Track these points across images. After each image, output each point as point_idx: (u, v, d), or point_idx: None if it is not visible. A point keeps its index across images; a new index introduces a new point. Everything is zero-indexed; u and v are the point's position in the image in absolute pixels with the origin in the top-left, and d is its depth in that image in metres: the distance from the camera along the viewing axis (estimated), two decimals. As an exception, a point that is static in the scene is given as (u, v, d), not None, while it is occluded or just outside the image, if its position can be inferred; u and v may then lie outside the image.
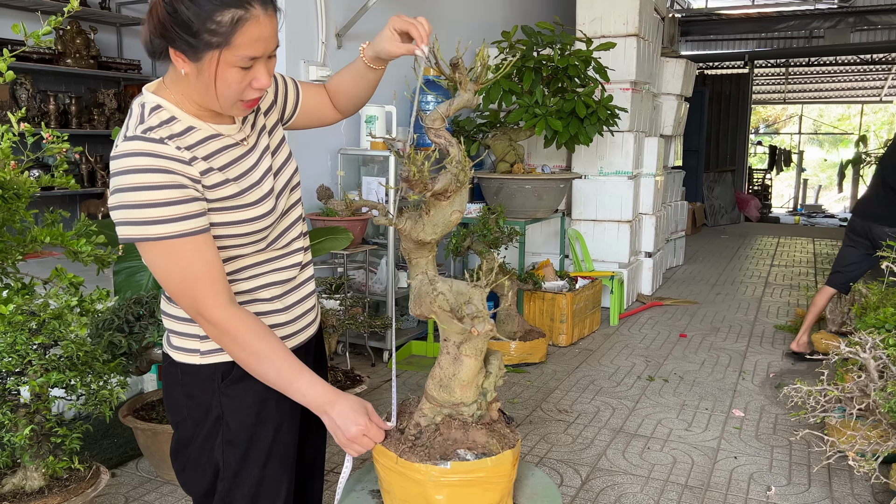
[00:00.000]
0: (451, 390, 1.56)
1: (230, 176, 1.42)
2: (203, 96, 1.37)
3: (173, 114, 1.39)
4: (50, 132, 2.72)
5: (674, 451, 3.50)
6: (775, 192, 18.03)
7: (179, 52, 1.31)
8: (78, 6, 2.34)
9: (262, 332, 1.40)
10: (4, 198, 2.57)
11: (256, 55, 1.32)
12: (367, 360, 4.74)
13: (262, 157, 1.51)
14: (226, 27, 1.27)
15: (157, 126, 1.35)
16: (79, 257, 2.80)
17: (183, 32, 1.28)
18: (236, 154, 1.45)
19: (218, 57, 1.30)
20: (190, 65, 1.32)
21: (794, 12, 11.92)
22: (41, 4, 6.06)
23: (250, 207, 1.43)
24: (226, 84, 1.33)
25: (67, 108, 6.39)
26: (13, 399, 2.31)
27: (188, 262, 1.33)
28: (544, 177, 5.30)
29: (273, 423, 1.55)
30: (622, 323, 5.98)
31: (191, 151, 1.36)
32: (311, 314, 1.67)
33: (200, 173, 1.36)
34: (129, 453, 3.26)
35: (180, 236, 1.32)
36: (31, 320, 2.37)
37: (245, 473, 1.54)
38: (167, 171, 1.31)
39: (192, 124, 1.40)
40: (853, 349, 2.62)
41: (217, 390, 1.50)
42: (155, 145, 1.32)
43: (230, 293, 1.40)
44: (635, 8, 6.13)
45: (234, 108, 1.39)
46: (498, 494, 1.56)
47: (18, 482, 2.34)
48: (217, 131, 1.43)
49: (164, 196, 1.30)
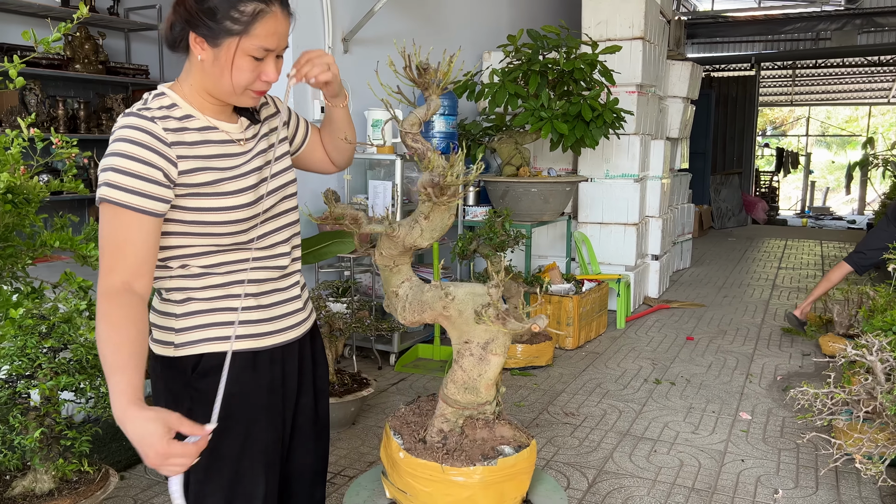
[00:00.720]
0: (478, 391, 1.58)
1: (214, 165, 1.49)
2: (215, 83, 1.47)
3: (175, 102, 1.49)
4: (60, 137, 2.74)
5: (681, 454, 3.50)
6: (783, 195, 17.99)
7: (200, 36, 1.43)
8: (87, 13, 2.36)
9: (125, 320, 1.36)
10: (14, 202, 2.59)
11: (270, 47, 1.44)
12: (373, 364, 4.75)
13: (255, 157, 1.57)
14: (247, 17, 1.40)
15: (155, 109, 1.46)
16: (88, 261, 2.82)
17: (207, 18, 1.41)
18: (228, 150, 1.53)
19: (236, 44, 1.42)
20: (208, 50, 1.44)
21: (801, 14, 11.90)
22: (50, 11, 6.11)
23: (228, 196, 1.49)
24: (240, 71, 1.44)
25: (76, 113, 6.43)
26: (23, 402, 2.33)
27: (123, 233, 1.39)
28: (550, 180, 5.31)
29: (242, 420, 1.56)
30: (629, 326, 5.98)
31: (177, 135, 1.45)
32: (297, 316, 1.67)
33: (177, 157, 1.44)
34: (137, 456, 3.26)
35: (130, 208, 1.39)
36: (40, 324, 2.39)
37: (216, 468, 1.55)
38: (146, 147, 1.40)
39: (191, 113, 1.50)
40: (860, 352, 2.62)
41: (188, 383, 1.55)
42: (144, 122, 1.43)
43: (138, 280, 1.40)
44: (641, 11, 6.14)
45: (244, 96, 1.50)
46: (527, 482, 1.58)
47: (28, 485, 2.36)
48: (214, 125, 1.52)
49: (135, 168, 1.39)
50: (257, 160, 1.57)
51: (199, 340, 1.54)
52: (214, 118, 1.53)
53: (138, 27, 7.09)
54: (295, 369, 1.68)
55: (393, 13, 5.39)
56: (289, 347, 1.66)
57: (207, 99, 1.51)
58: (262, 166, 1.57)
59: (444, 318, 1.59)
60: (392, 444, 1.70)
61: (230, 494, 1.57)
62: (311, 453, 1.77)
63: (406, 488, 1.60)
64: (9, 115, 5.82)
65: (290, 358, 1.67)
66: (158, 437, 1.28)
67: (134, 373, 1.34)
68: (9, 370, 2.30)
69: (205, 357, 1.54)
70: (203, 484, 1.56)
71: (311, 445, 1.76)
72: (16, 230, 2.74)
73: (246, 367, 1.57)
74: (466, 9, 6.74)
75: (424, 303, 1.59)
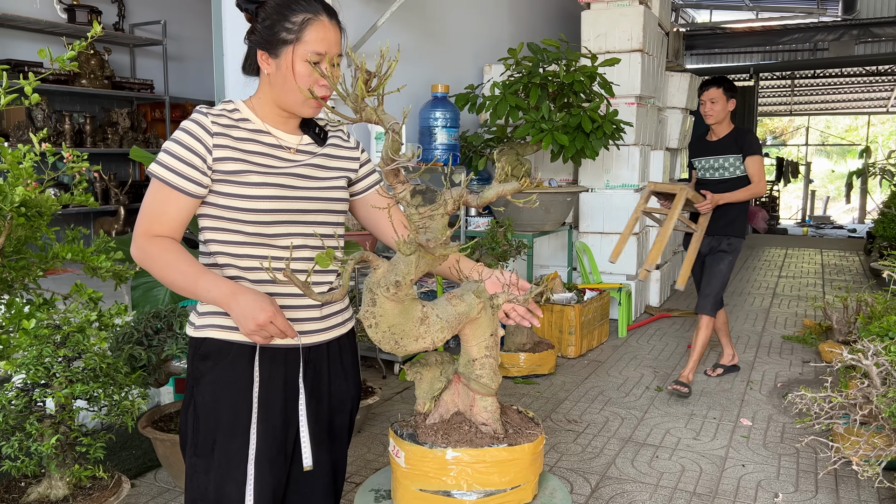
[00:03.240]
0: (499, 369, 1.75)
1: (248, 159, 1.64)
2: (280, 91, 1.65)
3: (238, 108, 1.69)
4: (71, 151, 2.81)
5: (682, 459, 3.54)
6: (783, 204, 18.06)
7: (263, 51, 1.64)
8: (101, 31, 2.43)
9: (174, 248, 1.59)
10: (28, 216, 2.65)
11: (322, 51, 1.61)
12: (378, 373, 4.80)
13: (301, 167, 1.70)
14: (297, 26, 1.60)
15: (216, 109, 1.67)
16: (98, 273, 2.88)
17: (266, 33, 1.62)
18: (274, 152, 1.68)
19: (292, 51, 1.61)
20: (272, 63, 1.64)
21: (799, 25, 12.01)
22: (56, 27, 6.20)
23: (252, 186, 1.63)
24: (300, 76, 1.61)
25: (82, 127, 6.51)
26: (39, 410, 2.39)
27: (158, 202, 1.61)
28: (551, 190, 5.37)
29: (232, 406, 1.65)
30: (630, 334, 6.03)
31: (225, 129, 1.63)
32: (309, 325, 1.72)
33: (214, 146, 1.61)
34: (148, 464, 3.32)
35: (167, 184, 1.60)
36: (55, 333, 2.45)
37: (206, 449, 1.67)
38: (193, 136, 1.61)
39: (249, 118, 1.68)
40: (856, 356, 2.67)
41: (194, 364, 1.69)
42: (200, 116, 1.64)
43: (166, 236, 1.61)
44: (639, 24, 6.22)
45: (305, 104, 1.66)
46: None
47: (44, 491, 2.41)
48: (269, 131, 1.69)
49: (180, 152, 1.60)
50: (304, 169, 1.70)
51: (209, 325, 1.68)
52: (273, 126, 1.70)
53: (143, 42, 7.18)
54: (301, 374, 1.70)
55: (396, 27, 5.47)
56: (294, 352, 1.70)
57: (273, 110, 1.69)
58: (307, 176, 1.70)
59: (473, 321, 1.67)
60: None
61: (220, 477, 1.66)
62: (321, 464, 1.79)
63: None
64: (16, 129, 5.90)
65: (292, 361, 1.70)
66: (270, 302, 1.52)
67: (212, 272, 1.58)
68: (25, 378, 2.36)
69: (207, 341, 1.67)
70: (196, 458, 1.68)
71: (323, 457, 1.79)
72: (28, 243, 2.80)
73: (242, 358, 1.66)
74: (468, 23, 6.83)
75: (461, 314, 1.66)
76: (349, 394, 1.85)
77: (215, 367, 1.66)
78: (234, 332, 1.65)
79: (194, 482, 1.69)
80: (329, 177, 1.75)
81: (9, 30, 6.11)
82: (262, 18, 1.64)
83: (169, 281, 1.58)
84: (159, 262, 1.57)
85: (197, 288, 1.56)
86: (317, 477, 1.79)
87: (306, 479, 1.78)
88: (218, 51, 4.13)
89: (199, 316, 1.71)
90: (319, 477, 1.80)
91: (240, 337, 1.65)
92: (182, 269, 1.56)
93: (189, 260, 1.58)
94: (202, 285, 1.55)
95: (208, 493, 1.67)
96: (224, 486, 1.66)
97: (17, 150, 2.65)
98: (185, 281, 1.56)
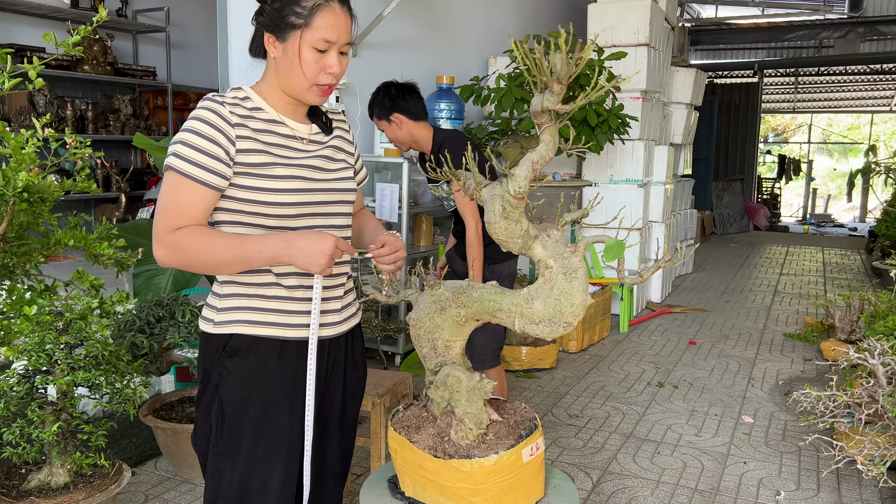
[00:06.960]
0: None
1: (271, 150, 1.61)
2: (287, 76, 1.60)
3: (249, 96, 1.64)
4: (74, 138, 2.79)
5: (684, 455, 3.53)
6: (784, 202, 18.03)
7: (271, 34, 1.58)
8: (106, 16, 2.41)
9: (202, 230, 1.53)
10: (30, 201, 2.63)
11: (331, 39, 1.57)
12: (379, 364, 4.79)
13: (315, 158, 1.67)
14: (307, 11, 1.55)
15: (229, 97, 1.61)
16: (99, 260, 2.86)
17: (275, 16, 1.57)
18: (289, 143, 1.65)
19: (300, 36, 1.56)
20: (279, 47, 1.58)
21: (804, 22, 11.97)
22: (59, 12, 6.17)
23: (278, 179, 1.59)
24: (305, 62, 1.57)
25: (84, 113, 6.48)
26: (41, 397, 2.37)
27: (179, 196, 1.54)
28: (555, 184, 5.35)
29: (261, 402, 1.62)
30: (632, 330, 6.02)
31: (243, 120, 1.59)
32: (331, 316, 1.71)
33: (237, 137, 1.57)
34: (148, 452, 3.31)
35: (188, 177, 1.53)
36: (57, 320, 2.43)
37: (233, 446, 1.63)
38: (212, 125, 1.55)
39: (262, 107, 1.64)
40: (862, 355, 2.66)
41: (218, 361, 1.63)
42: (215, 104, 1.58)
43: (185, 230, 1.54)
44: (646, 18, 6.19)
45: (311, 91, 1.61)
46: None
47: (44, 478, 2.40)
48: (282, 121, 1.65)
49: (200, 143, 1.53)
50: (316, 161, 1.68)
51: (233, 321, 1.63)
52: (285, 115, 1.66)
53: (146, 29, 7.15)
54: (323, 366, 1.71)
55: (401, 18, 5.44)
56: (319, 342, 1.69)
57: (282, 97, 1.65)
58: (320, 168, 1.67)
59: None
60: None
61: (245, 473, 1.63)
62: (333, 452, 1.81)
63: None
64: (18, 115, 5.88)
65: (319, 353, 1.70)
66: (323, 232, 1.52)
67: (252, 235, 1.55)
68: (26, 365, 2.34)
69: (234, 337, 1.62)
70: (221, 457, 1.64)
71: (335, 445, 1.80)
72: (30, 229, 2.78)
73: (272, 353, 1.63)
74: (474, 14, 6.80)
75: (500, 310, 1.68)
76: (359, 383, 1.85)
77: (244, 364, 1.61)
78: (262, 327, 1.62)
79: (217, 480, 1.65)
80: (339, 168, 1.74)
81: (12, 14, 6.08)
82: (270, 1, 1.59)
83: (214, 261, 1.53)
84: (195, 248, 1.51)
85: (245, 253, 1.51)
86: (328, 466, 1.81)
87: (320, 468, 1.78)
88: (223, 37, 4.10)
89: (217, 312, 1.65)
90: (331, 465, 1.82)
91: (267, 332, 1.62)
92: (222, 244, 1.51)
93: (223, 233, 1.54)
94: (250, 250, 1.51)
95: (233, 489, 1.64)
96: (248, 481, 1.64)
97: (20, 135, 2.63)
98: (230, 253, 1.51)
